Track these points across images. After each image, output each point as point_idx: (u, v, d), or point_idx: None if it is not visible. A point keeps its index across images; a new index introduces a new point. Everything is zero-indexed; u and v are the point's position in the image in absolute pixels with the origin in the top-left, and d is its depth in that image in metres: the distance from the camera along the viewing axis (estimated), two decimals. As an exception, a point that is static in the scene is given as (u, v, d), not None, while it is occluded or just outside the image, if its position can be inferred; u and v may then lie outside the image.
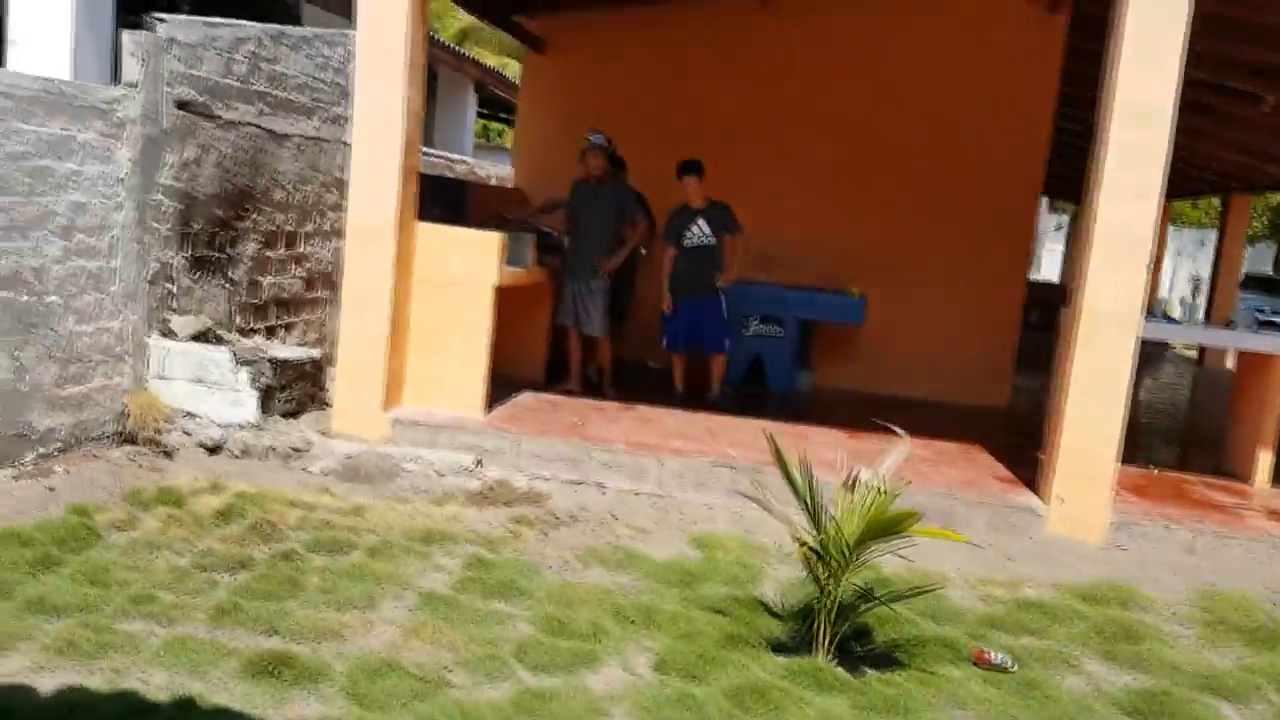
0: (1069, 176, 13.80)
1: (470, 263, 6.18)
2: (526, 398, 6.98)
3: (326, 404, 6.69)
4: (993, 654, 3.83)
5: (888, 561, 4.21)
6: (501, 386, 6.69)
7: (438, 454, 5.89)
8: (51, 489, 4.88)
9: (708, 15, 8.68)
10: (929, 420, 7.26)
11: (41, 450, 5.11)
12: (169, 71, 5.82)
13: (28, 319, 4.92)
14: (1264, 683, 3.83)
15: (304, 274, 7.63)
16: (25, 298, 4.88)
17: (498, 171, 14.96)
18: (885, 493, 3.71)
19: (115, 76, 7.00)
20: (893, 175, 8.70)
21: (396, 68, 5.88)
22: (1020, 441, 6.91)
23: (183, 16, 6.01)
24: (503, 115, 23.12)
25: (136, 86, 5.58)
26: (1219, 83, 8.50)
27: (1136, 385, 7.22)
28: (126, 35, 5.59)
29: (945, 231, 8.65)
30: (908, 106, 8.62)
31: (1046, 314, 9.35)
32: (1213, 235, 19.65)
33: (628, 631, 3.84)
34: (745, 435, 6.32)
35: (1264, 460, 6.42)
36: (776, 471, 5.62)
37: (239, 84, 6.50)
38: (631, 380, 7.81)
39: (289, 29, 7.40)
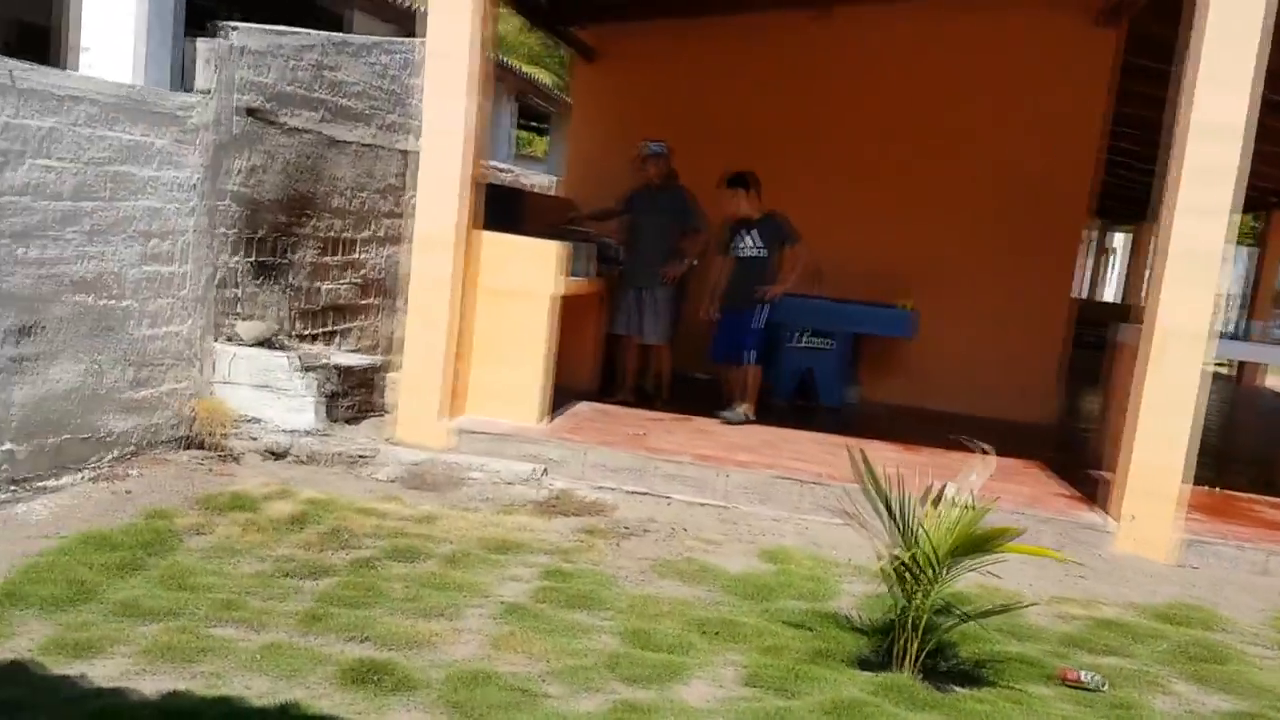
0: (1125, 195, 13.76)
1: (532, 272, 6.20)
2: (583, 407, 7.00)
3: (384, 411, 6.73)
4: (1081, 673, 3.81)
5: (962, 578, 4.19)
6: (557, 395, 6.70)
7: (502, 463, 5.90)
8: (128, 492, 4.93)
9: (758, 27, 8.69)
10: (978, 435, 7.19)
11: (115, 453, 5.16)
12: (238, 79, 5.88)
13: (105, 323, 4.97)
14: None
15: (359, 280, 7.69)
16: (104, 302, 4.94)
17: (535, 180, 15.05)
18: (974, 509, 3.69)
19: (179, 83, 7.11)
20: (941, 189, 8.68)
21: (461, 79, 5.91)
22: (1071, 458, 6.88)
23: (252, 25, 6.07)
24: (533, 124, 23.27)
25: (209, 94, 5.64)
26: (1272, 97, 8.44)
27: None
28: (200, 43, 5.65)
29: (992, 246, 8.63)
30: (957, 120, 8.60)
31: (1096, 332, 9.32)
32: (1241, 252, 19.43)
33: (712, 645, 3.83)
34: (805, 448, 6.31)
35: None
36: (839, 485, 5.68)
37: (302, 91, 6.56)
38: (681, 391, 7.80)
39: (350, 37, 7.47)
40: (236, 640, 3.50)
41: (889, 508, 3.73)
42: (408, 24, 10.42)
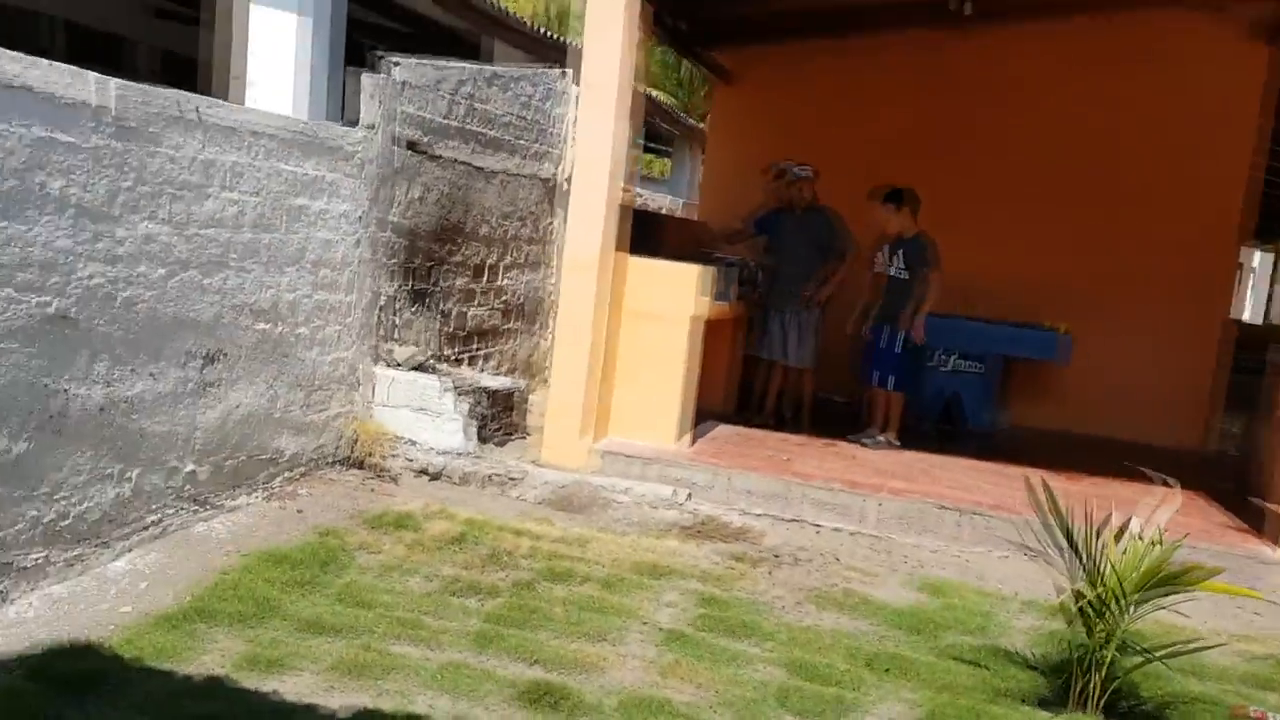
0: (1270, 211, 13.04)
1: (672, 295, 6.24)
2: (723, 430, 6.98)
3: (525, 433, 6.85)
4: (1268, 715, 3.60)
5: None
6: (696, 418, 6.70)
7: (646, 486, 5.93)
8: (299, 511, 5.13)
9: (898, 45, 8.58)
10: (1131, 461, 6.89)
11: (286, 473, 5.38)
12: (399, 112, 6.09)
13: (280, 349, 5.20)
14: None
15: (500, 305, 7.86)
16: (280, 329, 5.16)
17: (659, 201, 15.15)
18: (1162, 543, 3.54)
19: (337, 117, 7.41)
20: (1088, 209, 8.42)
21: (611, 107, 6.00)
22: (1227, 486, 6.55)
23: (412, 59, 6.29)
24: (653, 146, 23.51)
25: (374, 128, 5.86)
26: None
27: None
28: (365, 77, 5.88)
29: (1142, 266, 8.33)
30: (1106, 140, 8.34)
31: (1254, 356, 8.88)
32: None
33: (882, 680, 3.76)
34: (958, 476, 6.16)
35: None
36: (1001, 515, 5.52)
37: (455, 123, 6.77)
38: (819, 415, 7.70)
39: (500, 69, 7.68)
40: (416, 658, 3.59)
41: (1071, 541, 3.60)
42: (542, 51, 10.64)
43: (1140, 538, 3.62)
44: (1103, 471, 6.30)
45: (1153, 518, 3.67)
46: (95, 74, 3.89)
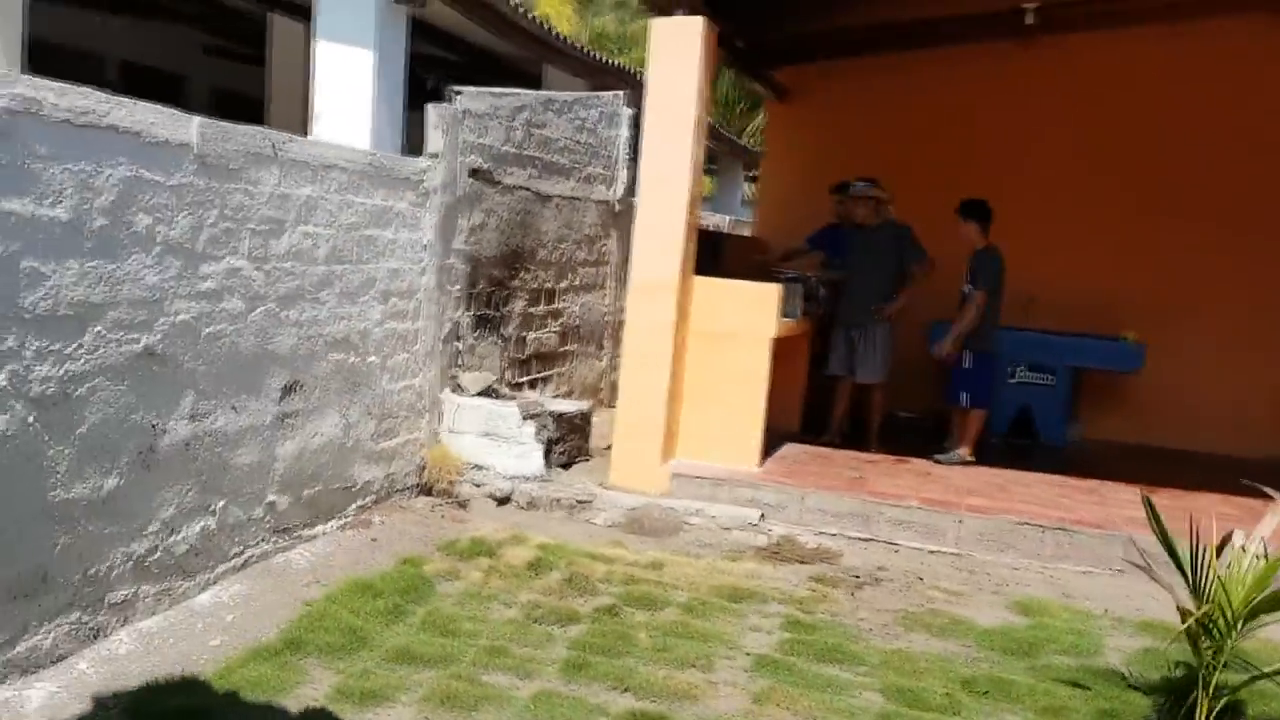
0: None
1: (747, 314, 6.19)
2: (794, 449, 6.90)
3: (590, 455, 6.82)
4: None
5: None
6: (766, 437, 6.63)
7: (719, 508, 5.87)
8: (374, 539, 5.14)
9: (961, 58, 8.49)
10: (1211, 472, 6.71)
11: (360, 501, 5.40)
12: (463, 141, 6.13)
13: (354, 379, 5.22)
14: None
15: (559, 328, 7.86)
16: (354, 359, 5.19)
17: (710, 220, 15.16)
18: (1269, 559, 3.41)
19: (404, 148, 7.49)
20: (1161, 216, 8.25)
21: (687, 128, 5.99)
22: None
23: (474, 88, 6.33)
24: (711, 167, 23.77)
25: (438, 157, 5.89)
26: None
27: None
28: (431, 108, 5.93)
29: (1217, 273, 8.15)
30: (1180, 148, 8.19)
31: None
32: None
33: (983, 704, 3.67)
34: (1037, 491, 6.04)
35: None
36: (1081, 530, 5.39)
37: (515, 150, 6.80)
38: (889, 431, 7.58)
39: (556, 95, 7.72)
40: (508, 688, 3.56)
41: (1176, 558, 3.49)
42: (596, 77, 10.70)
43: (1245, 550, 3.50)
44: (1181, 484, 6.13)
45: (1256, 530, 3.54)
46: (178, 111, 3.94)
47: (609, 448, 6.47)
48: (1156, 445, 8.06)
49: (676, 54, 5.92)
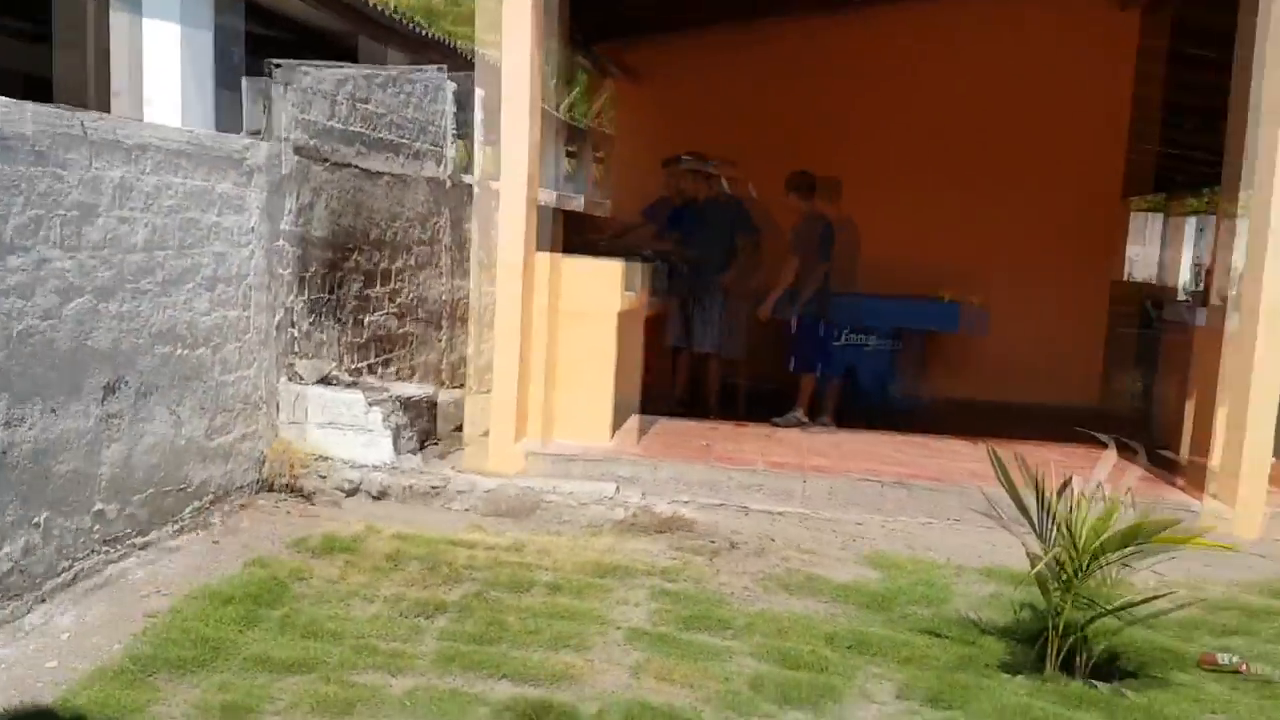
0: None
1: (594, 291, 6.16)
2: (643, 422, 6.93)
3: (439, 439, 6.66)
4: (1218, 655, 3.80)
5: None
6: (618, 413, 6.64)
7: (575, 484, 5.85)
8: (216, 542, 4.86)
9: (785, 33, 8.69)
10: (1035, 422, 7.17)
11: (197, 503, 5.08)
12: (286, 118, 5.81)
13: (182, 373, 4.89)
14: None
15: (396, 310, 7.62)
16: (181, 351, 4.86)
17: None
18: (1111, 502, 3.68)
19: (221, 124, 7.03)
20: (979, 181, 8.73)
21: (523, 107, 5.88)
22: (1127, 437, 6.88)
23: (293, 61, 6.00)
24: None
25: (260, 134, 5.58)
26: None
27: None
28: (248, 82, 5.60)
29: (1030, 234, 8.71)
30: (987, 114, 8.66)
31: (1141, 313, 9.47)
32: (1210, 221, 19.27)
33: (849, 659, 3.80)
34: (874, 449, 6.30)
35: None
36: (923, 485, 5.67)
37: (341, 126, 6.51)
38: (744, 401, 7.72)
39: (380, 69, 7.43)
40: (380, 686, 3.44)
41: (1022, 506, 3.71)
42: (422, 50, 10.39)
43: (1084, 495, 3.74)
44: (1015, 435, 6.50)
45: (1093, 476, 3.80)
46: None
47: (458, 429, 6.34)
48: (978, 399, 8.52)
49: (510, 30, 5.79)
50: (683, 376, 7.51)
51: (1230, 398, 5.50)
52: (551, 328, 6.14)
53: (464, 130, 8.54)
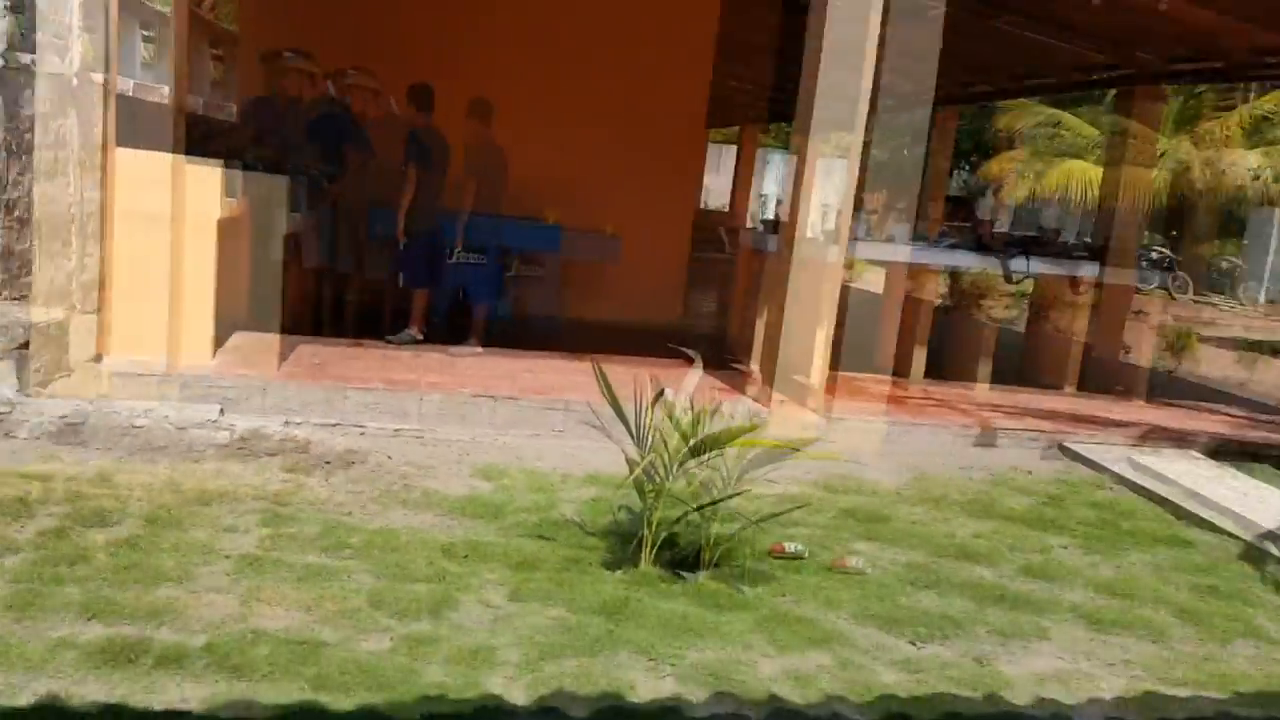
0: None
1: (189, 194, 5.64)
2: (248, 339, 6.52)
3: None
4: (786, 545, 4.38)
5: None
6: (223, 330, 6.22)
7: (171, 406, 5.43)
8: None
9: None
10: (637, 341, 7.65)
11: None
12: None
13: None
14: (1002, 547, 4.72)
15: (15, 223, 6.55)
16: None
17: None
18: (700, 410, 4.07)
19: None
20: (577, 107, 8.98)
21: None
22: (711, 355, 7.62)
23: None
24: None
25: None
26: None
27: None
28: None
29: (623, 161, 9.12)
30: (585, 50, 8.90)
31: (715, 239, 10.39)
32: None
33: (465, 568, 3.93)
34: (489, 366, 6.45)
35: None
36: (531, 400, 5.90)
37: None
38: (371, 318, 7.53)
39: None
40: (-61, 644, 3.04)
41: (622, 416, 4.01)
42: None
43: (675, 405, 4.12)
44: (611, 351, 6.91)
45: (682, 387, 4.19)
46: None
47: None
48: (577, 318, 8.90)
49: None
50: (294, 291, 7.15)
51: (773, 314, 6.26)
52: (139, 233, 5.56)
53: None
